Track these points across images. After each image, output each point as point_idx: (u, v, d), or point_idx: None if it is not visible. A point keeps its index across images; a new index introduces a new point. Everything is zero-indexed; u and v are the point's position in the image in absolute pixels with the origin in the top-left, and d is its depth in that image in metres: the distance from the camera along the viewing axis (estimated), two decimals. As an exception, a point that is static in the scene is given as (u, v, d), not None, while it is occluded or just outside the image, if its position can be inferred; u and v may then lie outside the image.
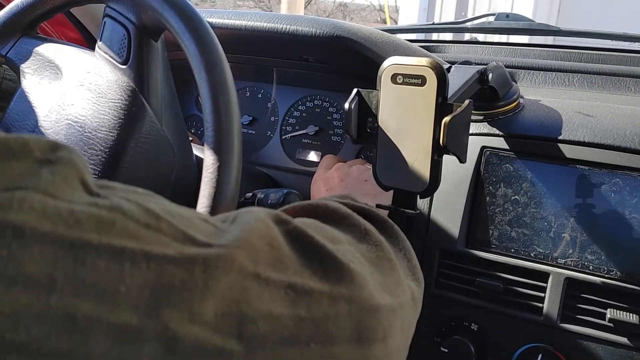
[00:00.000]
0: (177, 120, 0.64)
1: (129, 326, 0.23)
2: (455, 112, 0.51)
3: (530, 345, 0.68)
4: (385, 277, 0.39)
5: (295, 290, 0.30)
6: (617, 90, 0.88)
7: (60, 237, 0.22)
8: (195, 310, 0.25)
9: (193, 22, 0.53)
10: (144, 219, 0.25)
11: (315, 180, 0.75)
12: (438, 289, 0.73)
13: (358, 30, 0.76)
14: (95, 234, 0.23)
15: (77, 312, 0.22)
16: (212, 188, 0.50)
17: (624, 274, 0.64)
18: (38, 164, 0.24)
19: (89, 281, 0.22)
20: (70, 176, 0.24)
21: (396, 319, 0.37)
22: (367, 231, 0.41)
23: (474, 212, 0.72)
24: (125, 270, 0.23)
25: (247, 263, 0.28)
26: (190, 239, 0.27)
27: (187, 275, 0.25)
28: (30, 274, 0.21)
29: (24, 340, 0.21)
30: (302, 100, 0.94)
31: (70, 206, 0.23)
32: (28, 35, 0.69)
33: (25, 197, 0.22)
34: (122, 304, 0.23)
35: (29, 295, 0.21)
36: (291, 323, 0.29)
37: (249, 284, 0.28)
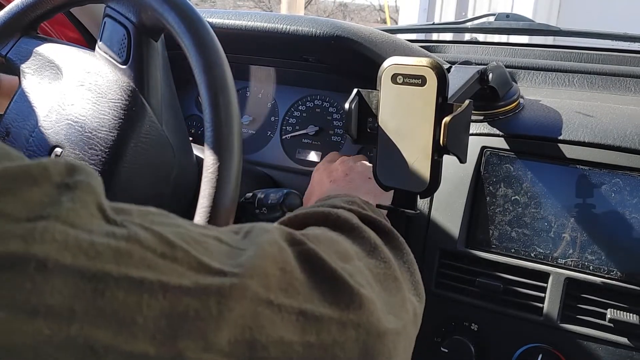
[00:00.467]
0: (177, 120, 0.64)
1: (146, 356, 0.24)
2: (455, 112, 0.51)
3: (531, 345, 0.68)
4: (391, 297, 0.39)
5: (306, 317, 0.31)
6: (617, 91, 0.88)
7: (81, 269, 0.22)
8: (209, 340, 0.26)
9: (193, 22, 0.53)
10: (160, 249, 0.26)
11: (318, 169, 0.75)
12: (438, 289, 0.73)
13: (358, 30, 0.76)
14: (115, 265, 0.23)
15: (96, 341, 0.22)
16: (212, 188, 0.50)
17: (624, 274, 0.64)
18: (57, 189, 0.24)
19: (108, 312, 0.23)
20: (89, 202, 0.25)
21: (400, 341, 0.38)
22: (376, 246, 0.42)
23: (474, 212, 0.72)
24: (143, 301, 0.24)
25: (260, 290, 0.29)
26: (205, 267, 0.27)
27: (201, 305, 0.26)
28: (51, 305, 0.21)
29: None
30: (302, 100, 0.94)
31: (90, 237, 0.23)
32: (28, 35, 0.69)
33: (47, 228, 0.22)
34: (139, 334, 0.24)
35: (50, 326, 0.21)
36: (301, 349, 0.30)
37: (261, 311, 0.29)
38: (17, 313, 0.21)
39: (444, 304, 0.73)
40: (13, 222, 0.21)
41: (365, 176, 0.69)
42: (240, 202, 0.72)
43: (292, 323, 0.30)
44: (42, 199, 0.23)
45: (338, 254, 0.37)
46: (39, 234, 0.22)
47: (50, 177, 0.24)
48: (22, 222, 0.22)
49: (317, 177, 0.74)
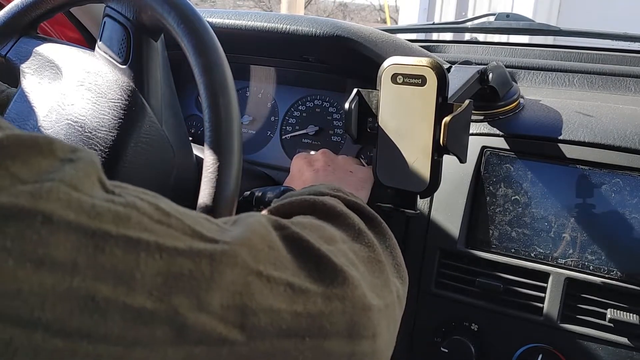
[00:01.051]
0: (177, 120, 0.64)
1: (143, 309, 0.25)
2: (455, 112, 0.51)
3: (531, 345, 0.68)
4: (375, 279, 0.41)
5: (293, 289, 0.33)
6: (617, 90, 0.88)
7: (82, 227, 0.24)
8: (202, 299, 0.27)
9: (193, 22, 0.53)
10: (156, 216, 0.28)
11: (298, 157, 0.75)
12: (438, 289, 0.73)
13: (358, 30, 0.76)
14: (113, 226, 0.25)
15: (97, 293, 0.24)
16: (212, 188, 0.50)
17: (624, 274, 0.64)
18: (61, 162, 0.26)
19: (108, 267, 0.24)
20: (90, 173, 0.27)
21: (384, 319, 0.39)
22: (360, 231, 0.44)
23: (474, 212, 0.72)
24: (140, 259, 0.25)
25: (249, 260, 0.31)
26: (198, 234, 0.29)
27: (194, 267, 0.27)
28: (56, 257, 0.23)
29: (50, 318, 0.22)
30: (302, 100, 0.94)
31: (91, 200, 0.25)
32: (28, 35, 0.69)
33: (52, 188, 0.24)
34: (137, 288, 0.25)
35: (54, 277, 0.23)
36: (289, 317, 0.32)
37: (251, 280, 0.30)
38: (24, 262, 0.22)
39: (444, 304, 0.73)
40: (22, 183, 0.23)
41: (347, 169, 0.70)
42: (239, 200, 0.72)
43: (281, 293, 0.32)
44: (47, 167, 0.25)
45: (323, 238, 0.39)
46: (45, 192, 0.23)
47: (55, 152, 0.26)
48: (30, 183, 0.23)
49: (297, 165, 0.74)
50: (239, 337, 0.29)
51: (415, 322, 0.76)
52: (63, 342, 0.23)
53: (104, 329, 0.24)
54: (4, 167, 0.23)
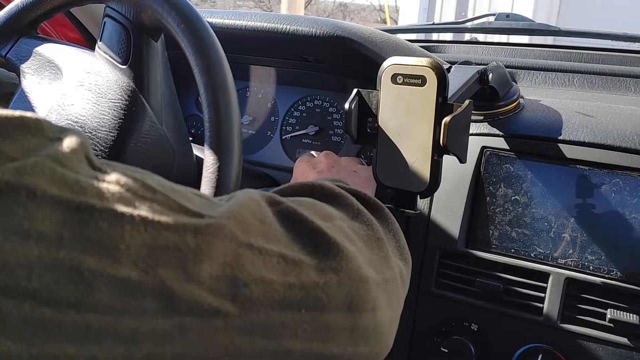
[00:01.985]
0: (177, 120, 0.64)
1: (130, 280, 0.26)
2: (455, 112, 0.51)
3: (531, 346, 0.68)
4: (373, 254, 0.41)
5: (286, 260, 0.33)
6: (617, 91, 0.88)
7: (66, 200, 0.25)
8: (190, 271, 0.28)
9: (193, 23, 0.53)
10: (141, 192, 0.28)
11: (301, 161, 0.75)
12: (438, 289, 0.73)
13: (358, 30, 0.76)
14: (98, 200, 0.26)
15: (82, 264, 0.24)
16: (212, 188, 0.50)
17: (624, 274, 0.64)
18: (50, 140, 0.26)
19: (93, 239, 0.25)
20: (77, 150, 0.27)
21: (383, 293, 0.39)
22: (359, 211, 0.44)
23: (474, 212, 0.72)
24: (125, 232, 0.26)
25: (239, 233, 0.31)
26: (183, 209, 0.29)
27: (179, 239, 0.28)
28: (41, 230, 0.24)
29: (37, 288, 0.23)
30: (302, 100, 0.94)
31: (76, 176, 0.26)
32: (28, 35, 0.69)
33: (37, 163, 0.24)
34: (122, 260, 0.26)
35: (40, 249, 0.24)
36: (282, 289, 0.32)
37: (242, 252, 0.30)
38: (10, 235, 0.23)
39: (444, 304, 0.73)
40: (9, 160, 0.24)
41: (351, 170, 0.70)
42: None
43: (273, 265, 0.32)
44: (35, 145, 0.26)
45: (319, 214, 0.39)
46: (30, 167, 0.24)
47: (43, 131, 0.27)
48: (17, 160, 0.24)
49: (300, 168, 0.73)
50: (231, 309, 0.29)
51: (415, 322, 0.76)
52: (51, 311, 0.23)
53: (91, 299, 0.25)
54: None
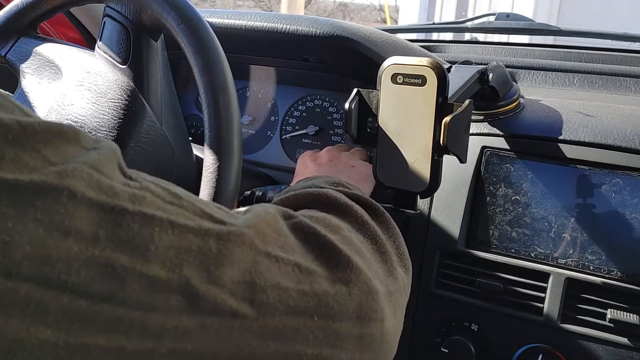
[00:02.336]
0: (177, 120, 0.63)
1: (158, 278, 0.28)
2: (455, 112, 0.51)
3: (531, 346, 0.68)
4: (380, 267, 0.43)
5: (300, 269, 0.35)
6: (618, 90, 0.88)
7: (102, 203, 0.27)
8: (212, 273, 0.30)
9: (193, 22, 0.53)
10: (169, 198, 0.31)
11: (303, 155, 0.77)
12: (438, 289, 0.73)
13: (358, 30, 0.76)
14: (130, 204, 0.28)
15: (116, 262, 0.26)
16: (212, 188, 0.50)
17: (625, 274, 0.64)
18: (86, 149, 0.29)
19: (125, 239, 0.27)
20: (111, 159, 0.30)
21: (390, 304, 0.41)
22: (364, 222, 0.45)
23: (474, 212, 0.72)
24: (154, 233, 0.28)
25: (257, 242, 0.33)
26: (207, 215, 0.32)
27: (202, 243, 0.30)
28: (80, 228, 0.26)
29: (75, 282, 0.25)
30: (302, 100, 0.94)
31: (110, 182, 0.28)
32: (28, 35, 0.69)
33: (77, 168, 0.27)
34: (152, 259, 0.28)
35: (79, 245, 0.25)
36: (296, 296, 0.34)
37: (260, 259, 0.33)
38: (52, 231, 0.25)
39: (444, 304, 0.73)
40: (52, 164, 0.26)
41: (349, 164, 0.71)
42: (239, 200, 0.72)
43: (289, 273, 0.34)
44: (74, 153, 0.28)
45: (329, 227, 0.41)
46: (71, 172, 0.26)
47: (80, 141, 0.29)
48: (58, 164, 0.26)
49: (302, 161, 0.75)
50: (249, 312, 0.31)
51: (415, 322, 0.76)
52: (86, 303, 0.25)
53: (123, 294, 0.26)
54: (36, 149, 0.26)
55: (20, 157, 0.25)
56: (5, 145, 0.25)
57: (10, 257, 0.24)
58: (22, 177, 0.25)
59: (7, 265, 0.24)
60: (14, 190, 0.24)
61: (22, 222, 0.24)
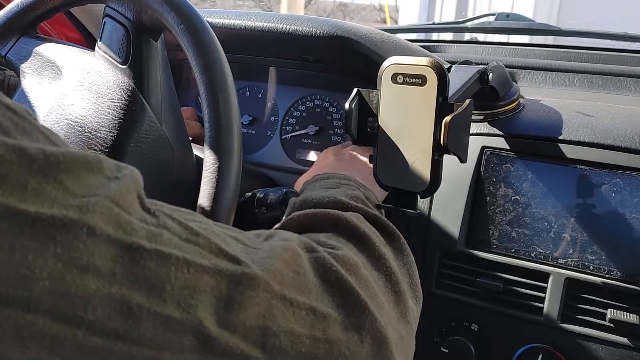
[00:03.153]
0: (177, 120, 0.63)
1: (172, 318, 0.28)
2: (456, 111, 0.51)
3: (531, 346, 0.68)
4: (392, 309, 0.42)
5: (315, 314, 0.35)
6: (618, 90, 0.88)
7: (120, 240, 0.27)
8: (223, 316, 0.30)
9: (193, 22, 0.53)
10: (185, 235, 0.30)
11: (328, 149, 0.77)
12: (438, 289, 0.73)
13: (358, 30, 0.76)
14: (147, 242, 0.28)
15: (132, 300, 0.26)
16: (212, 188, 0.50)
17: (625, 274, 0.64)
18: (107, 179, 0.29)
19: (142, 278, 0.27)
20: (132, 189, 0.29)
21: (401, 351, 0.41)
22: (380, 256, 0.45)
23: (474, 212, 0.72)
24: (170, 272, 0.28)
25: (274, 284, 0.33)
26: (223, 252, 0.31)
27: (215, 284, 0.30)
28: (98, 265, 0.26)
29: (91, 319, 0.25)
30: (302, 100, 0.94)
31: (129, 217, 0.28)
32: (28, 35, 0.69)
33: (98, 203, 0.26)
34: (167, 299, 0.28)
35: (96, 283, 0.25)
36: (308, 342, 0.34)
37: (275, 303, 0.33)
38: (71, 267, 0.25)
39: (444, 304, 0.73)
40: (72, 196, 0.26)
41: (367, 165, 0.70)
42: (240, 201, 0.72)
43: (302, 318, 0.34)
44: (95, 183, 0.28)
45: (347, 265, 0.40)
46: (92, 206, 0.26)
47: (103, 170, 0.29)
48: (79, 197, 0.26)
49: (325, 154, 0.75)
50: (260, 357, 0.31)
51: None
52: (101, 340, 0.25)
53: (137, 332, 0.27)
54: (59, 180, 0.26)
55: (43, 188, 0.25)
56: (29, 176, 0.25)
57: (30, 290, 0.24)
58: (43, 211, 0.24)
59: (27, 298, 0.24)
60: (35, 224, 0.24)
61: (43, 256, 0.24)
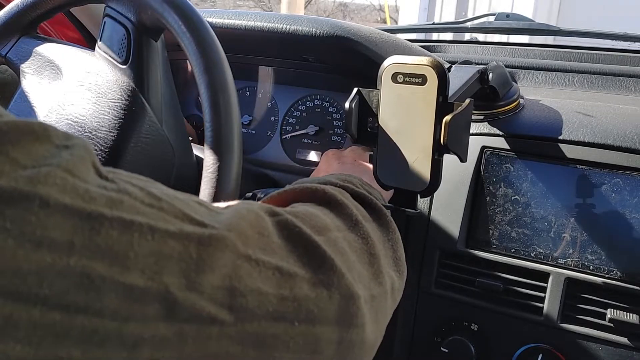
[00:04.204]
0: (177, 120, 0.64)
1: (136, 287, 0.26)
2: (456, 111, 0.51)
3: (531, 345, 0.68)
4: (364, 269, 0.42)
5: (281, 272, 0.34)
6: (618, 90, 0.88)
7: (78, 209, 0.25)
8: (192, 280, 0.29)
9: (193, 22, 0.53)
10: (147, 200, 0.29)
11: (328, 153, 0.77)
12: (438, 289, 0.73)
13: (358, 30, 0.76)
14: (108, 209, 0.26)
15: (92, 271, 0.25)
16: (212, 188, 0.50)
17: (624, 274, 0.64)
18: (57, 148, 0.27)
19: (103, 247, 0.26)
20: (85, 158, 0.28)
21: (371, 309, 0.41)
22: (357, 222, 0.45)
23: (474, 212, 0.72)
24: (134, 240, 0.27)
25: (239, 244, 0.32)
26: (187, 217, 0.30)
27: (183, 248, 0.29)
28: (53, 238, 0.24)
29: (47, 294, 0.24)
30: (302, 100, 0.94)
31: (85, 185, 0.26)
32: (28, 35, 0.69)
33: (49, 173, 0.25)
34: (130, 267, 0.26)
35: (52, 256, 0.24)
36: (275, 301, 0.33)
37: (241, 263, 0.32)
38: (23, 242, 0.23)
39: (444, 304, 0.73)
40: (21, 167, 0.24)
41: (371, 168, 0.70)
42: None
43: (269, 277, 0.33)
44: (44, 153, 0.26)
45: (315, 227, 0.40)
46: (43, 177, 0.25)
47: (51, 138, 0.27)
48: (28, 168, 0.25)
49: (326, 159, 0.75)
50: (227, 318, 0.30)
51: (415, 322, 0.76)
52: (60, 315, 0.24)
53: (99, 305, 0.25)
54: (4, 152, 0.24)
55: None
56: None
57: None
58: None
59: None
60: None
61: None
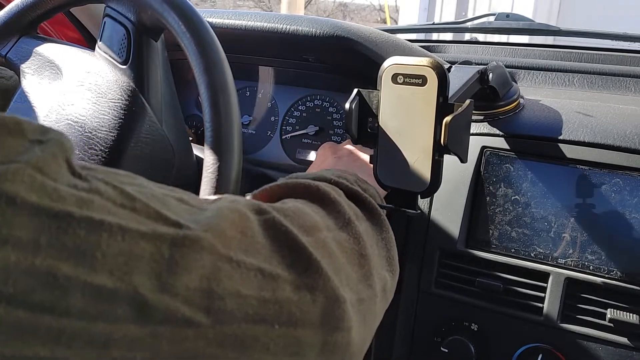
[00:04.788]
0: (177, 120, 0.64)
1: (104, 288, 0.26)
2: (456, 111, 0.51)
3: (531, 345, 0.68)
4: (353, 272, 0.41)
5: (263, 274, 0.33)
6: (617, 90, 0.88)
7: (45, 208, 0.25)
8: (164, 281, 0.28)
9: (193, 22, 0.53)
10: (120, 200, 0.28)
11: (324, 147, 0.76)
12: (438, 289, 0.73)
13: (358, 30, 0.76)
14: (77, 208, 0.26)
15: (58, 271, 0.25)
16: (212, 188, 0.50)
17: (624, 274, 0.64)
18: (30, 143, 0.26)
19: (70, 247, 0.25)
20: (58, 155, 0.27)
21: (358, 313, 0.40)
22: (349, 221, 0.44)
23: (474, 212, 0.72)
24: (102, 240, 0.26)
25: (218, 245, 0.31)
26: (162, 217, 0.30)
27: (155, 249, 0.28)
28: (19, 236, 0.24)
29: (12, 292, 0.23)
30: (302, 100, 0.94)
31: (54, 184, 0.26)
32: (28, 35, 0.69)
33: (18, 170, 0.24)
34: (98, 267, 0.26)
35: (17, 255, 0.24)
36: (256, 303, 0.32)
37: (221, 265, 0.31)
38: None
39: (444, 304, 0.73)
40: None
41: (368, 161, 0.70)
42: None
43: (250, 279, 0.32)
44: (17, 148, 0.25)
45: (304, 227, 0.39)
46: (11, 174, 0.24)
47: (24, 132, 0.26)
48: None
49: (322, 153, 0.74)
50: (204, 320, 0.30)
51: (415, 322, 0.76)
52: (26, 314, 0.24)
53: (66, 304, 0.25)
54: None
55: None
56: None
57: None
58: None
59: None
60: None
61: None
